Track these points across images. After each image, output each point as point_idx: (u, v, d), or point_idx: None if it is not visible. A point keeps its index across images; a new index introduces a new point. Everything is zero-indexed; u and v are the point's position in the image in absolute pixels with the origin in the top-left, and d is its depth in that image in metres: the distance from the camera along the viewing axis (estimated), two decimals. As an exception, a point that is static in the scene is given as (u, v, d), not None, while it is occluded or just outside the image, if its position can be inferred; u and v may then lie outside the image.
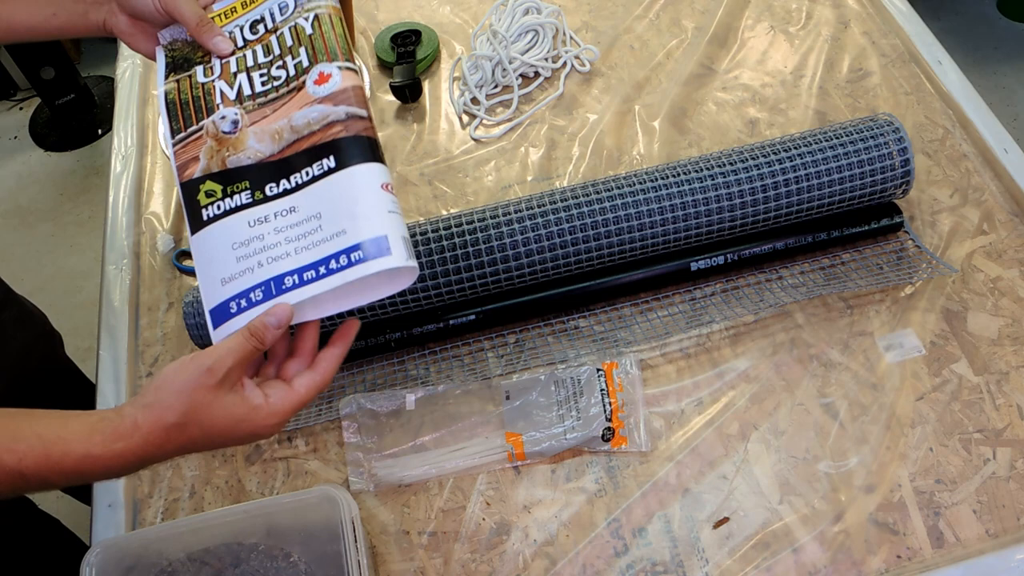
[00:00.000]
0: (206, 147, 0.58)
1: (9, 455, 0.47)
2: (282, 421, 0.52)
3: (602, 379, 0.73)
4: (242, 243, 0.55)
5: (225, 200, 0.56)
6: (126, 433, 0.49)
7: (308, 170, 0.55)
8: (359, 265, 0.52)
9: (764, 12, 1.05)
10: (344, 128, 0.55)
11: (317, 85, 0.57)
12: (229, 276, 0.54)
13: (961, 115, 0.91)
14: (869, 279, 0.78)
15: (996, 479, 0.68)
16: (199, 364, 0.50)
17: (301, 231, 0.54)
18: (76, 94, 2.15)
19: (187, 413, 0.49)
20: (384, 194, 0.54)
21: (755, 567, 0.65)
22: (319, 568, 0.64)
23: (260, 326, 0.52)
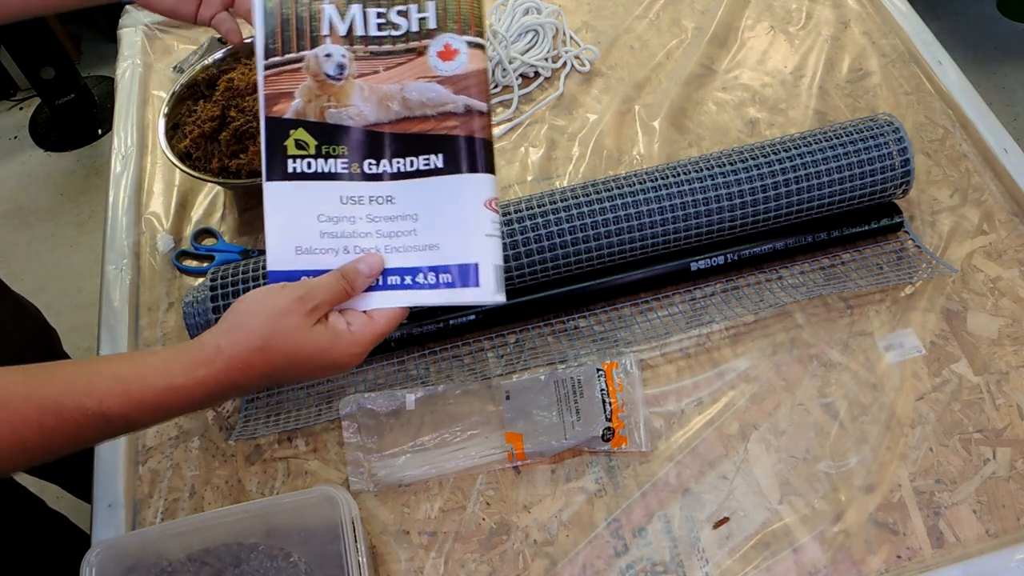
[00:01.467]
0: (304, 86, 0.52)
1: (89, 399, 0.45)
2: (363, 351, 0.51)
3: (602, 379, 0.73)
4: (330, 218, 0.51)
5: (318, 160, 0.52)
6: (207, 359, 0.47)
7: (413, 160, 0.52)
8: (444, 290, 0.50)
9: (764, 12, 1.05)
10: (460, 124, 0.51)
11: (441, 59, 0.52)
12: (308, 248, 0.51)
13: (961, 115, 0.91)
14: (869, 279, 0.78)
15: (996, 479, 0.68)
16: (291, 292, 0.48)
17: (394, 228, 0.51)
18: (76, 94, 2.15)
19: (272, 337, 0.48)
20: (486, 213, 0.51)
21: (755, 567, 0.65)
22: (319, 568, 0.64)
23: (353, 271, 0.50)
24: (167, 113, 0.90)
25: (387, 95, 0.52)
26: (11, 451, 0.44)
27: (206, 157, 0.87)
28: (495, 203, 0.51)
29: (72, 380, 0.46)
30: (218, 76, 0.92)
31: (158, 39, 1.13)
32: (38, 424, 0.44)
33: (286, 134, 0.52)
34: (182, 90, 0.92)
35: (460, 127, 0.51)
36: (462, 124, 0.51)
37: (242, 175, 0.85)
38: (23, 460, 0.46)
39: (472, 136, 0.51)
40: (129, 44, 1.11)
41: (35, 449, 0.45)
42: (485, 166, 0.51)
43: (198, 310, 0.73)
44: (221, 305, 0.72)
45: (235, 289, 0.73)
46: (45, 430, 0.45)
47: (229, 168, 0.85)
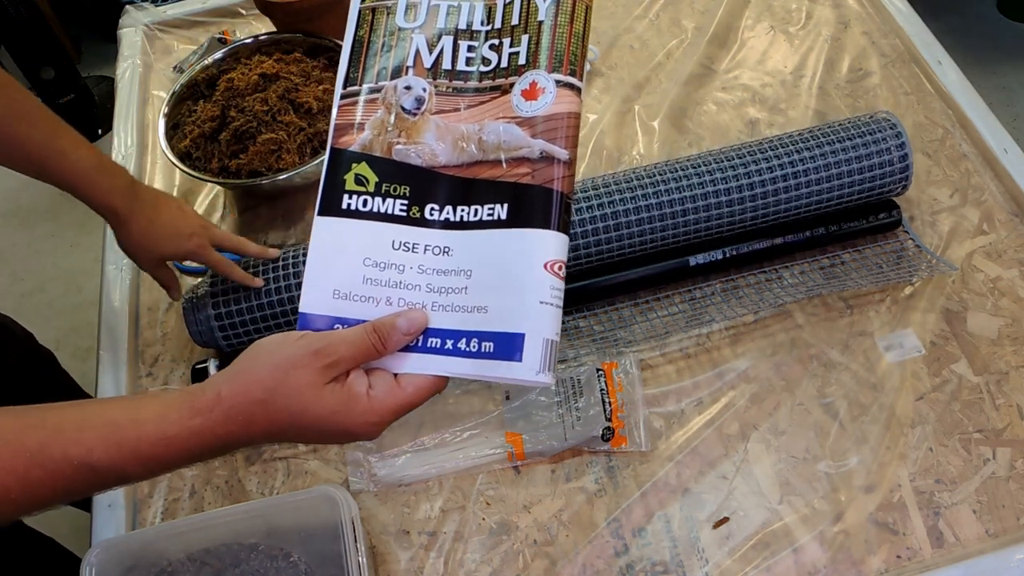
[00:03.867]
0: (376, 118, 0.48)
1: (76, 448, 0.42)
2: (382, 423, 0.45)
3: (602, 379, 0.73)
4: (377, 264, 0.47)
5: (375, 199, 0.47)
6: (205, 407, 0.42)
7: (477, 209, 0.46)
8: (484, 361, 0.45)
9: (764, 12, 1.05)
10: (532, 172, 0.46)
11: (524, 98, 0.47)
12: (346, 292, 0.47)
13: (961, 115, 0.91)
14: (869, 279, 0.78)
15: (996, 479, 0.68)
16: (307, 343, 0.43)
17: (445, 284, 0.46)
18: (76, 94, 2.15)
19: (278, 391, 0.43)
20: (546, 276, 0.45)
21: (755, 567, 0.65)
22: (319, 568, 0.64)
23: (387, 327, 0.45)
24: (167, 113, 0.90)
25: (463, 135, 0.47)
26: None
27: (206, 157, 0.88)
28: (560, 267, 0.45)
29: (61, 426, 0.42)
30: (218, 76, 0.92)
31: (158, 39, 1.13)
32: (23, 475, 0.41)
33: (347, 167, 0.48)
34: (182, 90, 0.92)
35: (532, 175, 0.46)
36: (536, 172, 0.46)
37: (242, 175, 0.85)
38: (7, 512, 0.42)
39: (545, 187, 0.45)
40: (129, 44, 1.11)
41: (18, 501, 0.42)
42: (556, 223, 0.45)
43: (197, 306, 0.73)
44: (221, 303, 0.72)
45: (235, 288, 0.73)
46: (30, 481, 0.41)
47: (229, 168, 0.85)
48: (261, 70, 0.89)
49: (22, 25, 1.93)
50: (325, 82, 0.91)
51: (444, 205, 0.47)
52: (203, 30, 1.12)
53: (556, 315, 0.45)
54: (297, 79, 0.89)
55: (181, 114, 0.92)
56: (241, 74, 0.90)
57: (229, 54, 0.95)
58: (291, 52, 0.94)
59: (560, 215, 0.45)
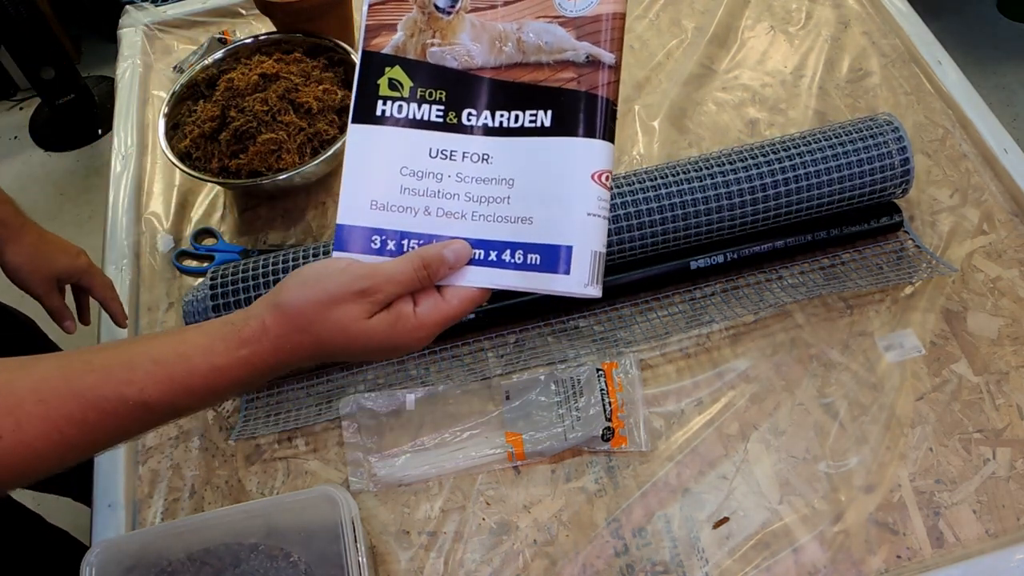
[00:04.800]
0: (409, 18, 0.46)
1: (129, 387, 0.42)
2: (430, 335, 0.45)
3: (602, 379, 0.73)
4: (414, 173, 0.45)
5: (410, 105, 0.46)
6: (252, 337, 0.43)
7: (518, 115, 0.45)
8: (528, 273, 0.44)
9: (764, 12, 1.05)
10: (578, 77, 0.44)
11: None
12: (384, 203, 0.45)
13: (961, 115, 0.91)
14: (869, 279, 0.78)
15: (996, 479, 0.68)
16: (351, 281, 0.43)
17: (486, 192, 0.45)
18: (76, 94, 2.15)
19: (323, 324, 0.43)
20: (593, 187, 0.43)
21: (755, 567, 0.65)
22: (319, 568, 0.64)
23: (436, 259, 0.44)
24: (167, 113, 0.90)
25: (501, 35, 0.45)
26: (54, 449, 0.42)
27: (206, 157, 0.88)
28: (607, 177, 0.44)
29: (110, 368, 0.43)
30: (218, 76, 0.92)
31: (158, 39, 1.13)
32: (80, 419, 0.42)
33: (380, 71, 0.46)
34: (182, 90, 0.92)
35: (578, 80, 0.44)
36: (581, 77, 0.44)
37: (242, 175, 0.85)
38: (68, 457, 0.43)
39: (592, 93, 0.44)
40: (129, 44, 1.11)
41: (79, 445, 0.42)
42: (603, 131, 0.44)
43: (198, 310, 0.73)
44: (221, 304, 0.72)
45: (235, 288, 0.73)
46: (87, 425, 0.42)
47: (229, 168, 0.85)
48: (261, 70, 0.89)
49: (22, 25, 1.93)
50: (325, 82, 0.91)
51: (482, 110, 0.45)
52: (203, 30, 1.12)
53: (603, 226, 0.44)
54: (297, 79, 0.89)
55: (181, 114, 0.92)
56: (241, 74, 0.90)
57: (229, 54, 0.95)
58: (291, 52, 0.94)
59: (606, 123, 0.44)
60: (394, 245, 0.45)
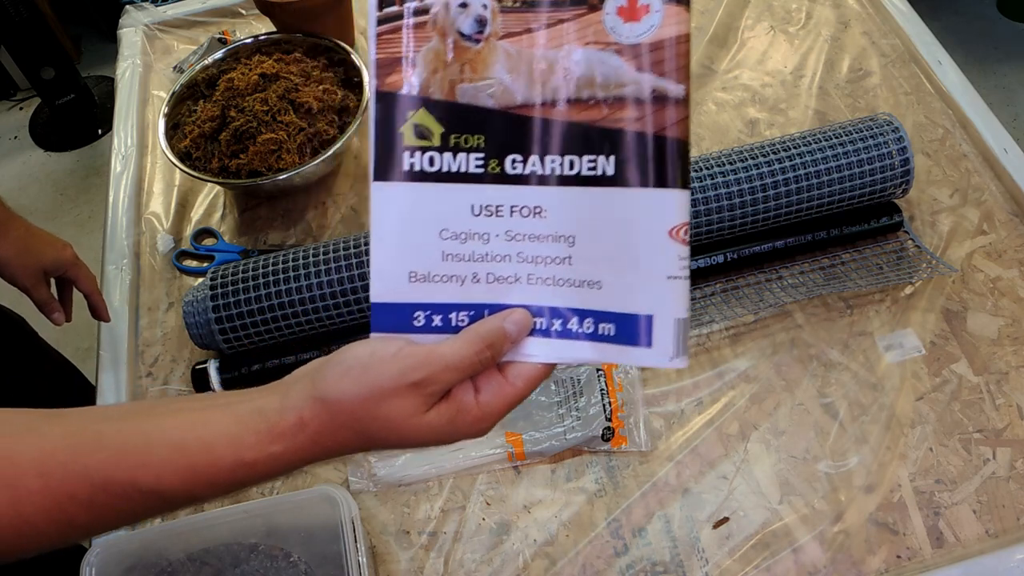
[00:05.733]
0: (428, 49, 0.39)
1: (143, 473, 0.38)
2: (492, 424, 0.40)
3: (602, 379, 0.73)
4: (456, 236, 0.39)
5: (444, 156, 0.39)
6: (287, 432, 0.38)
7: (574, 161, 0.39)
8: (604, 346, 0.39)
9: (764, 12, 1.05)
10: (640, 117, 0.38)
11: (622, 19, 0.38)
12: (425, 274, 0.40)
13: (961, 115, 0.91)
14: (869, 279, 0.78)
15: (996, 479, 0.68)
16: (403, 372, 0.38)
17: (543, 252, 0.39)
18: (76, 94, 2.15)
19: (371, 422, 0.38)
20: (671, 245, 0.38)
21: (755, 567, 0.65)
22: (319, 568, 0.64)
23: (499, 337, 0.39)
24: (167, 113, 0.90)
25: (543, 65, 0.39)
26: (55, 527, 0.38)
27: (206, 157, 0.88)
28: (686, 232, 0.38)
29: (124, 449, 0.39)
30: (218, 76, 0.92)
31: (158, 39, 1.13)
32: (86, 500, 0.38)
33: (403, 117, 0.39)
34: (182, 90, 0.92)
35: (641, 120, 0.38)
36: (644, 116, 0.38)
37: (242, 175, 0.85)
38: (72, 536, 0.39)
39: (660, 134, 0.38)
40: (129, 44, 1.11)
41: (84, 526, 0.39)
42: (676, 178, 0.38)
43: (198, 310, 0.73)
44: (221, 304, 0.72)
45: (235, 288, 0.73)
46: (95, 507, 0.38)
47: (229, 168, 0.85)
48: (261, 70, 0.89)
49: (22, 25, 1.93)
50: (325, 82, 0.91)
51: (529, 155, 0.39)
52: (203, 30, 1.12)
53: (685, 289, 0.38)
54: (297, 79, 0.89)
55: (181, 114, 0.92)
56: (241, 74, 0.90)
57: (229, 54, 0.95)
58: (291, 52, 0.94)
59: (680, 168, 0.38)
60: (440, 320, 0.40)
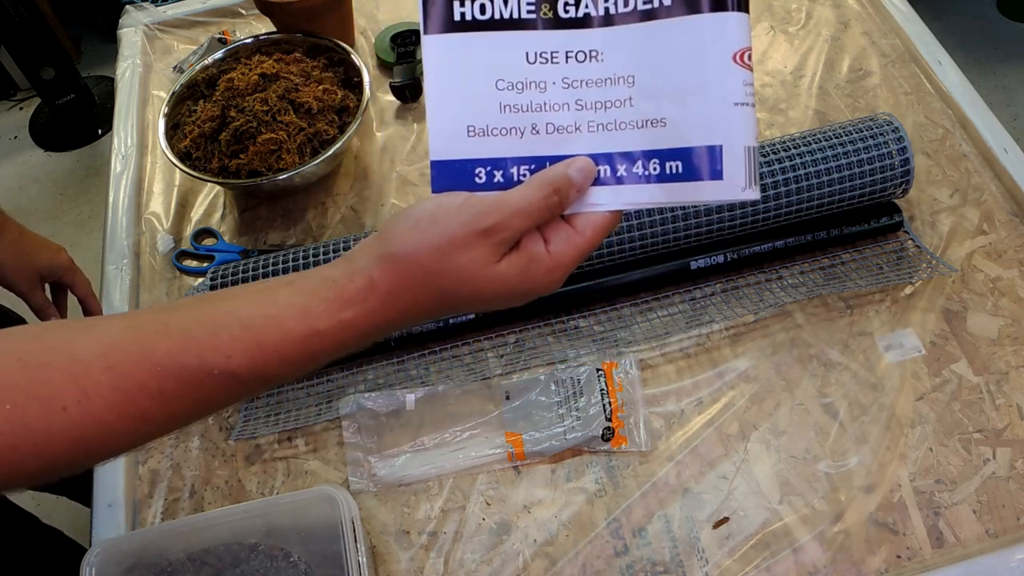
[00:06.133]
0: None
1: (214, 354, 0.36)
2: (564, 276, 0.40)
3: (602, 379, 0.73)
4: (512, 85, 0.38)
5: (495, 2, 0.38)
6: (358, 296, 0.37)
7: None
8: (674, 185, 0.38)
9: (764, 12, 1.05)
10: None
11: None
12: (484, 127, 0.39)
13: (961, 115, 0.91)
14: (869, 279, 0.78)
15: (996, 479, 0.68)
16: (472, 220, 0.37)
17: (601, 96, 0.38)
18: (76, 94, 2.16)
19: (444, 275, 0.37)
20: (736, 70, 0.37)
21: (755, 567, 0.65)
22: (319, 568, 0.64)
23: (565, 182, 0.38)
24: (167, 113, 0.90)
25: None
26: (129, 423, 0.36)
27: (206, 157, 0.88)
28: (749, 56, 0.37)
29: (190, 331, 0.37)
30: (218, 76, 0.92)
31: (158, 39, 1.13)
32: (157, 391, 0.36)
33: None
34: (182, 90, 0.92)
35: None
36: None
37: (242, 175, 0.85)
38: (145, 433, 0.38)
39: None
40: (129, 44, 1.11)
41: (156, 420, 0.37)
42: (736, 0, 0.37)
43: (198, 310, 0.73)
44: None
45: (235, 289, 0.73)
46: (166, 397, 0.36)
47: (229, 168, 0.85)
48: (261, 70, 0.89)
49: (22, 25, 1.93)
50: (325, 82, 0.91)
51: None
52: (203, 30, 1.12)
53: (753, 116, 0.37)
54: (297, 79, 0.89)
55: (181, 114, 0.92)
56: (241, 74, 0.90)
57: (229, 54, 0.95)
58: (291, 52, 0.94)
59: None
60: (502, 176, 0.39)
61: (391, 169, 0.94)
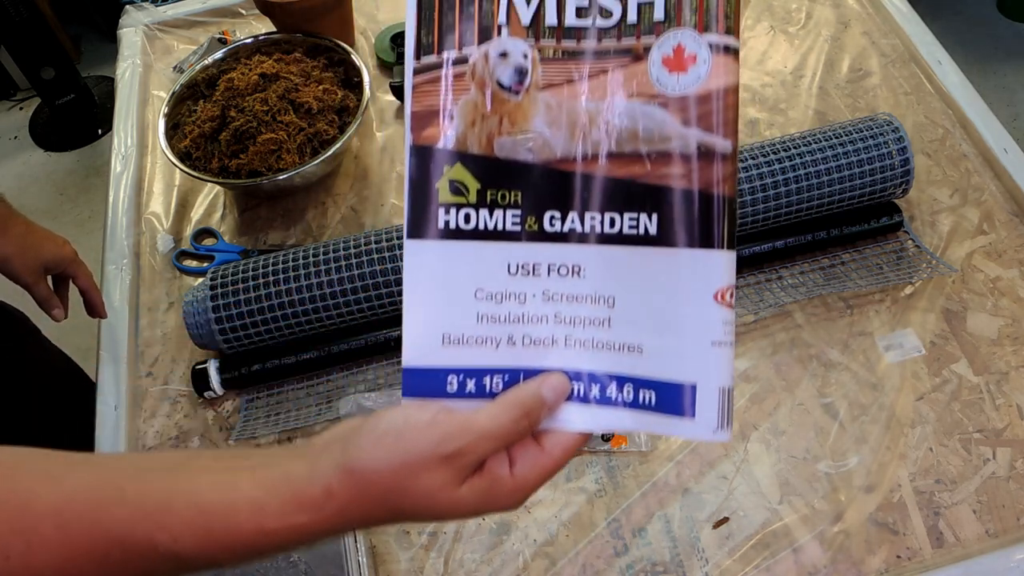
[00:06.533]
0: (467, 101, 0.38)
1: (162, 533, 0.36)
2: (527, 496, 0.38)
3: (602, 379, 0.73)
4: (491, 296, 0.38)
5: (481, 212, 0.38)
6: (313, 504, 0.36)
7: (614, 218, 0.37)
8: (645, 414, 0.37)
9: (764, 12, 1.05)
10: (685, 173, 0.36)
11: (667, 69, 0.37)
12: (459, 336, 0.38)
13: (961, 115, 0.91)
14: (869, 279, 0.78)
15: (996, 479, 0.68)
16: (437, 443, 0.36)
17: (581, 313, 0.38)
18: (76, 94, 2.15)
19: (403, 494, 0.36)
20: (716, 310, 0.36)
21: (755, 567, 0.65)
22: (319, 568, 0.64)
23: (536, 404, 0.37)
24: (167, 113, 0.90)
25: (585, 118, 0.37)
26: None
27: (206, 157, 0.88)
28: (731, 295, 0.37)
29: (144, 505, 0.37)
30: (218, 76, 0.92)
31: (158, 39, 1.13)
32: (102, 556, 0.36)
33: (439, 171, 0.38)
34: (182, 90, 0.92)
35: (686, 176, 0.36)
36: (691, 172, 0.36)
37: (242, 175, 0.85)
38: None
39: (706, 192, 0.36)
40: (129, 44, 1.11)
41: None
42: (722, 238, 0.36)
43: (198, 310, 0.73)
44: (220, 304, 0.72)
45: (235, 289, 0.73)
46: (109, 564, 0.37)
47: (229, 168, 0.85)
48: (261, 70, 0.89)
49: (22, 25, 1.93)
50: (325, 82, 0.91)
51: (568, 212, 0.37)
52: (203, 30, 1.12)
53: (730, 356, 0.37)
54: (297, 79, 0.89)
55: (181, 114, 0.92)
56: (241, 74, 0.90)
57: (229, 54, 0.95)
58: (291, 52, 0.94)
59: (726, 227, 0.36)
60: (474, 386, 0.38)
61: (391, 169, 0.93)
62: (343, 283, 0.73)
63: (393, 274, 0.73)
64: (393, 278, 0.73)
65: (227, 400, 0.78)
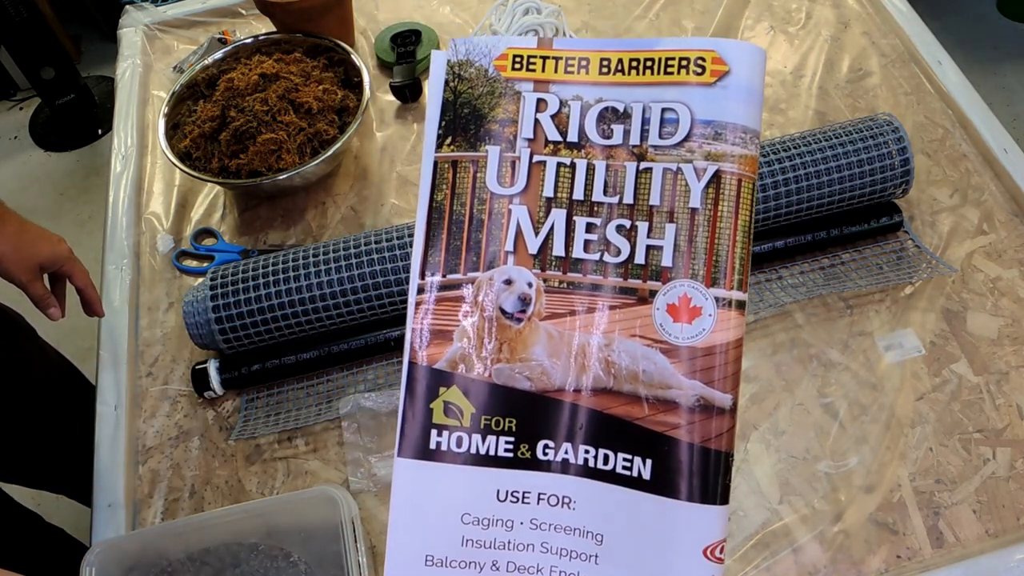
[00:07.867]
0: (469, 325, 0.38)
1: None
2: None
3: (602, 379, 0.73)
4: (479, 521, 0.37)
5: (472, 436, 0.37)
6: None
7: (608, 456, 0.37)
8: None
9: (764, 12, 1.05)
10: (683, 424, 0.36)
11: (671, 318, 0.37)
12: (442, 558, 0.38)
13: (961, 115, 0.91)
14: (869, 279, 0.78)
15: (996, 479, 0.68)
16: None
17: (569, 545, 0.37)
18: (76, 94, 2.15)
19: None
20: (704, 565, 0.36)
21: (755, 567, 0.65)
22: (319, 568, 0.64)
23: None
24: (167, 113, 0.90)
25: (585, 350, 0.37)
26: None
27: (206, 157, 0.88)
28: (722, 551, 0.36)
29: None
30: (218, 76, 0.92)
31: (158, 39, 1.13)
32: None
33: (434, 393, 0.38)
34: (182, 90, 0.92)
35: (686, 428, 0.36)
36: (690, 424, 0.36)
37: (242, 175, 0.85)
38: None
39: (705, 447, 0.36)
40: (129, 44, 1.11)
41: None
42: (717, 494, 0.36)
43: (198, 310, 0.73)
44: (221, 304, 0.72)
45: (235, 288, 0.73)
46: None
47: (229, 168, 0.85)
48: (261, 70, 0.89)
49: (22, 25, 1.93)
50: (325, 82, 0.91)
51: (562, 443, 0.37)
52: (203, 30, 1.12)
53: None
54: (297, 79, 0.89)
55: (181, 114, 0.92)
56: (241, 74, 0.90)
57: (229, 54, 0.95)
58: (291, 52, 0.94)
59: (722, 483, 0.36)
60: None
61: (391, 169, 0.94)
62: (343, 283, 0.73)
63: (393, 274, 0.73)
64: (393, 278, 0.73)
65: (227, 400, 0.78)
